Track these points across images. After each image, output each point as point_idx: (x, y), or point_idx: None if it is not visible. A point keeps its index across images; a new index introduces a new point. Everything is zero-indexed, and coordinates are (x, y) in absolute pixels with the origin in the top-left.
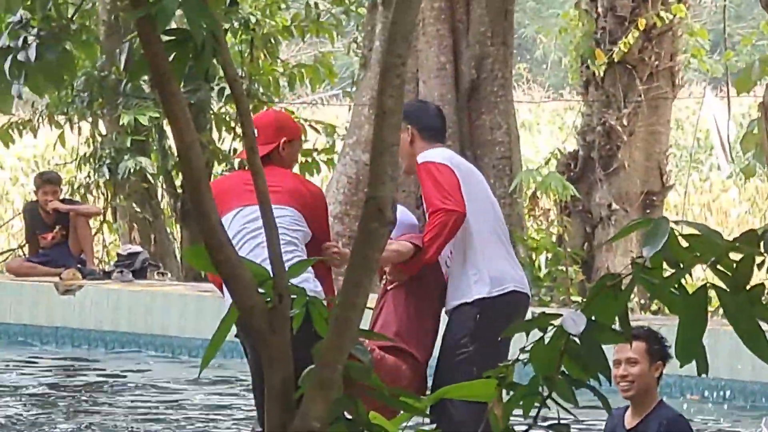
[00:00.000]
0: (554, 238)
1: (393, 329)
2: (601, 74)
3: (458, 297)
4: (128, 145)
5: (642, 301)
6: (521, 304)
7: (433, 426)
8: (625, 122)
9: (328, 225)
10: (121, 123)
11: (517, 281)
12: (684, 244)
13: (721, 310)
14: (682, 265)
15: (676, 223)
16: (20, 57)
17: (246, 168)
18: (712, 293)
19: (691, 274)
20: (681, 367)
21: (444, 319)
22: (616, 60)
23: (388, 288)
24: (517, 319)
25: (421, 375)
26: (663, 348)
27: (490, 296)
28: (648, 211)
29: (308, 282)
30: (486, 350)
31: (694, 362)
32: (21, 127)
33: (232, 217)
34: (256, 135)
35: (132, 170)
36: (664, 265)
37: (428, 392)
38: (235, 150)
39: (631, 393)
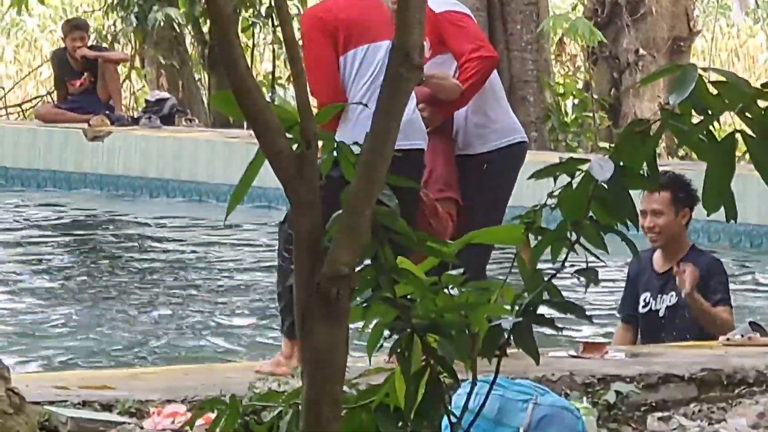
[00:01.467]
0: (581, 84)
1: (441, 179)
2: None
3: (474, 146)
4: None
5: (669, 146)
6: (523, 153)
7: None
8: None
9: None
10: None
11: (522, 131)
12: (712, 90)
13: (747, 156)
14: (710, 112)
15: (704, 70)
16: None
17: None
18: (739, 139)
19: (719, 121)
20: (708, 215)
21: None
22: None
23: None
24: (518, 169)
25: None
26: (689, 194)
27: (498, 148)
28: (675, 57)
29: None
30: (491, 201)
31: (722, 209)
32: None
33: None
34: None
35: (161, 20)
36: (692, 112)
37: None
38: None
39: (659, 243)
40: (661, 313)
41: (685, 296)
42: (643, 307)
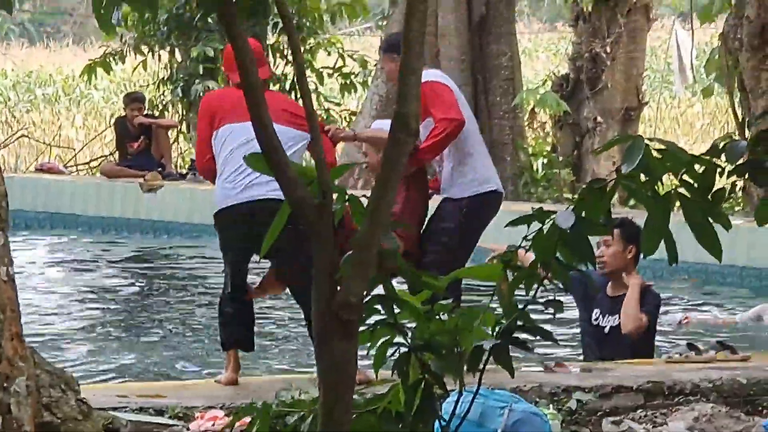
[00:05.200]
0: (549, 147)
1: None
2: (589, 9)
3: (451, 192)
4: (199, 71)
5: (621, 197)
6: (498, 201)
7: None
8: (608, 50)
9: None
10: (192, 56)
11: (497, 182)
12: (657, 156)
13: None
14: (653, 174)
15: (650, 140)
16: None
17: (232, 86)
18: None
19: (661, 180)
20: (644, 258)
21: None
22: None
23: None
24: (492, 214)
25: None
26: (636, 234)
27: (476, 194)
28: (627, 123)
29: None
30: (464, 239)
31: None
32: (114, 57)
33: (230, 132)
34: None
35: (202, 92)
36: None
37: None
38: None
39: (606, 270)
40: (606, 330)
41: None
42: (594, 320)
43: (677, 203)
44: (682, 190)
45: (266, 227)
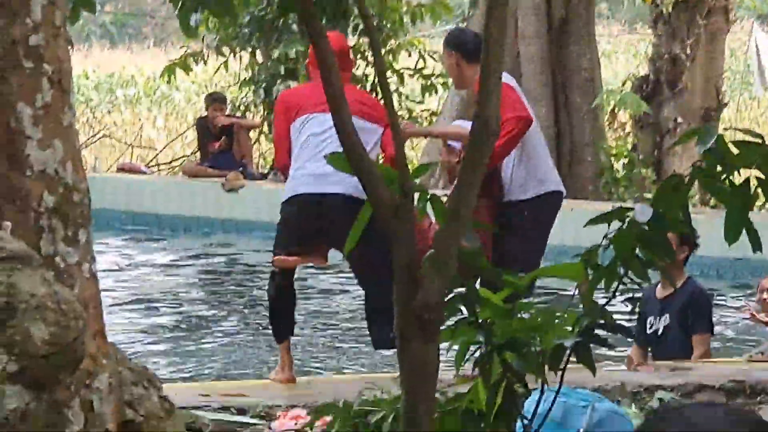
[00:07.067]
0: (630, 146)
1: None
2: (669, 11)
3: (514, 194)
4: (281, 72)
5: (702, 197)
6: (559, 201)
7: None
8: (687, 51)
9: None
10: (274, 57)
11: (557, 181)
12: (733, 149)
13: None
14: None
15: (726, 129)
16: None
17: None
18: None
19: (739, 172)
20: (729, 246)
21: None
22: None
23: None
24: (554, 214)
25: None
26: (691, 236)
27: (537, 195)
28: (707, 123)
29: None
30: (531, 240)
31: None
32: (195, 58)
33: (307, 121)
34: (343, 59)
35: None
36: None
37: None
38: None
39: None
40: (659, 332)
41: None
42: (650, 328)
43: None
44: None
45: (334, 221)
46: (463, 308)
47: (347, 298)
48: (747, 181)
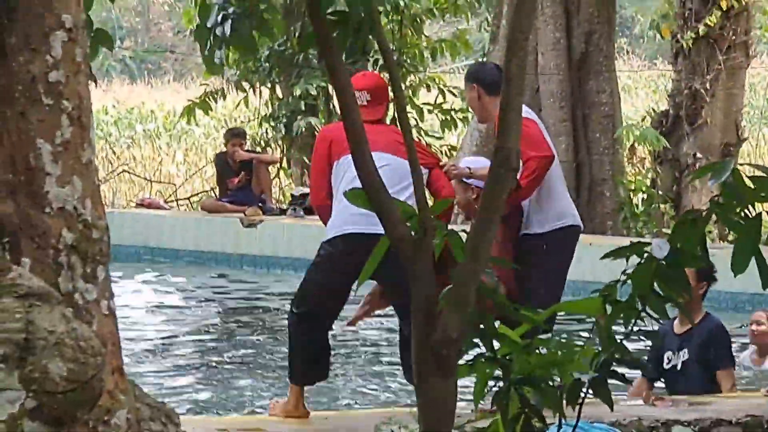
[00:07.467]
0: (649, 182)
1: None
2: (689, 47)
3: (532, 228)
4: (301, 107)
5: (720, 232)
6: (576, 235)
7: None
8: (707, 86)
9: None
10: (294, 94)
11: (575, 215)
12: (749, 184)
13: None
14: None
15: (741, 165)
16: (218, 32)
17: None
18: None
19: (754, 207)
20: (735, 276)
21: None
22: (700, 35)
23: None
24: (572, 248)
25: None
26: (708, 272)
27: (554, 228)
28: (726, 159)
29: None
30: (551, 274)
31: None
32: (215, 96)
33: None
34: (377, 97)
35: (303, 128)
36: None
37: None
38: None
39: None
40: (678, 367)
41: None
42: (667, 363)
43: None
44: None
45: (386, 260)
46: (480, 344)
47: (362, 327)
48: (759, 214)
